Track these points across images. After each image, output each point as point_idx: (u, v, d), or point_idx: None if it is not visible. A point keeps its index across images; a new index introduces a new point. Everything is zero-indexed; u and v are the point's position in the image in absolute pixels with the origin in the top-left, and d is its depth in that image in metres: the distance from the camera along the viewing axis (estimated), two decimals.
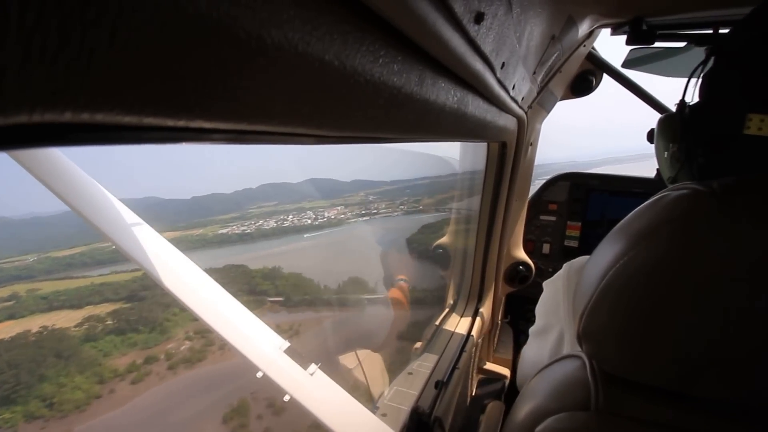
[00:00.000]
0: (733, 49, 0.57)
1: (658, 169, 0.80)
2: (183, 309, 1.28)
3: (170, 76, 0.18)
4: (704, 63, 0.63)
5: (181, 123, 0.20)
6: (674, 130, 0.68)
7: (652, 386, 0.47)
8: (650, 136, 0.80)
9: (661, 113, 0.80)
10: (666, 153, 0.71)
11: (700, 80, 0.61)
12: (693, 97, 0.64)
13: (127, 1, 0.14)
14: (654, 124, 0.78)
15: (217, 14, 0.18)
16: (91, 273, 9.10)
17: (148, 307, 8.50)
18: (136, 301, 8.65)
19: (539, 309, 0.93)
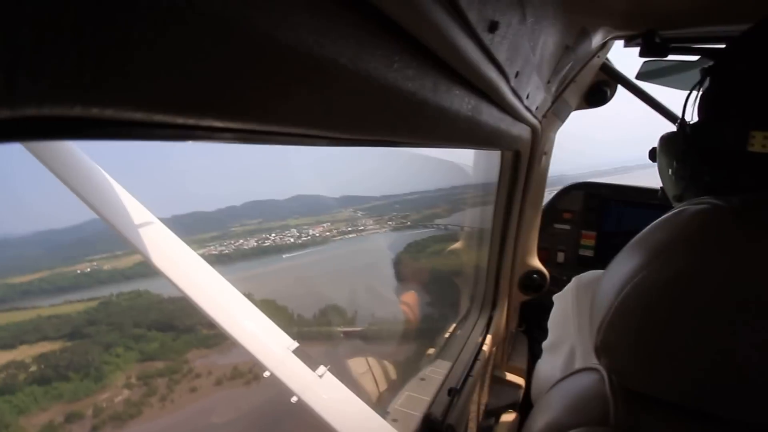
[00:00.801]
0: (730, 65, 0.59)
1: (662, 187, 0.80)
2: (193, 307, 1.23)
3: (182, 75, 0.18)
4: (701, 82, 0.64)
5: (192, 121, 0.20)
6: (677, 148, 0.69)
7: (673, 403, 0.46)
8: (652, 155, 0.80)
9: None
10: (670, 171, 0.72)
11: (699, 99, 0.64)
12: (693, 114, 0.66)
13: (141, 1, 0.15)
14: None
15: (230, 13, 0.18)
16: (43, 303, 8.14)
17: (85, 348, 7.32)
18: (78, 339, 7.55)
19: (550, 323, 0.93)
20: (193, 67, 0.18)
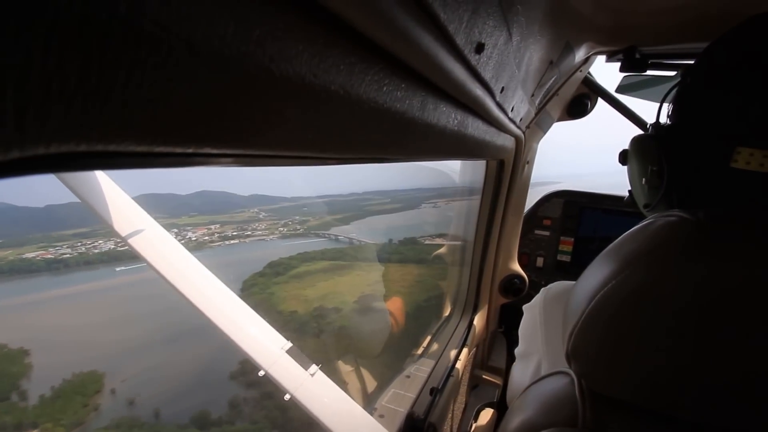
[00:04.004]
0: (716, 74, 0.57)
1: (630, 191, 0.78)
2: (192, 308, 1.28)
3: (183, 110, 0.19)
4: (680, 84, 0.62)
5: (191, 150, 0.21)
6: (650, 151, 0.66)
7: (639, 406, 0.49)
8: (623, 158, 0.77)
9: None
10: (643, 180, 0.69)
11: (674, 100, 0.62)
12: (666, 119, 0.64)
13: (144, 45, 0.15)
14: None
15: (229, 52, 0.19)
16: None
17: None
18: None
19: (521, 332, 0.94)
20: (192, 102, 0.19)
